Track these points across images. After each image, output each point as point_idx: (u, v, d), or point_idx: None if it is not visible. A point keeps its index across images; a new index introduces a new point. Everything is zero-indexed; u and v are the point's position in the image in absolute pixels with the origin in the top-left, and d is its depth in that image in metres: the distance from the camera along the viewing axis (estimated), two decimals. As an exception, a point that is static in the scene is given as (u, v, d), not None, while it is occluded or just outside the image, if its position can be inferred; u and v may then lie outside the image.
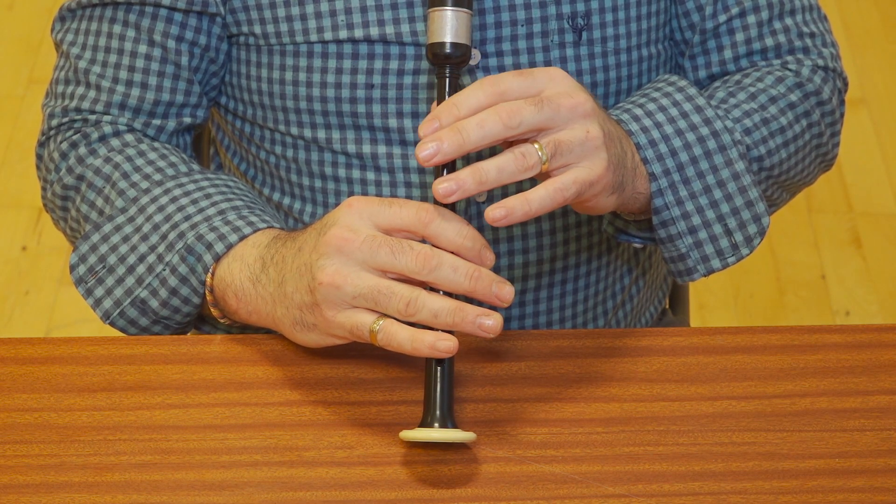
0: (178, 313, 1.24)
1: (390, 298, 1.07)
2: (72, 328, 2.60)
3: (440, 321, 1.07)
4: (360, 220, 1.09)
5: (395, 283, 1.08)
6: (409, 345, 1.07)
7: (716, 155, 1.24)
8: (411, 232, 1.09)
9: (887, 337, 1.21)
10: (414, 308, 1.07)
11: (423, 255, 1.07)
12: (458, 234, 1.08)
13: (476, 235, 1.09)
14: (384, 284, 1.07)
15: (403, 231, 1.09)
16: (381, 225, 1.09)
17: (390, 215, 1.09)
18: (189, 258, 1.21)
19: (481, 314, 1.07)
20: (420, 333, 1.07)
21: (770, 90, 1.33)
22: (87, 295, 1.25)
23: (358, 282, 1.08)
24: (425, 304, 1.07)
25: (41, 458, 1.10)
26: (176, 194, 1.25)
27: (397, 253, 1.07)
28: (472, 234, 1.09)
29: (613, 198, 1.17)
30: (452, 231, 1.08)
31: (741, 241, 1.25)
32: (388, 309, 1.07)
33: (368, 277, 1.08)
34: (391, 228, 1.09)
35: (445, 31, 1.14)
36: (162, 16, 1.32)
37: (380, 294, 1.07)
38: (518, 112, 1.08)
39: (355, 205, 1.10)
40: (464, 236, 1.09)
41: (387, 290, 1.07)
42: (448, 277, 1.07)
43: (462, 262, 1.08)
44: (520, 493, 1.08)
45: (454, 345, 1.07)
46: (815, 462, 1.11)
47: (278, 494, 1.07)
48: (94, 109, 1.33)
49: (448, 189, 1.07)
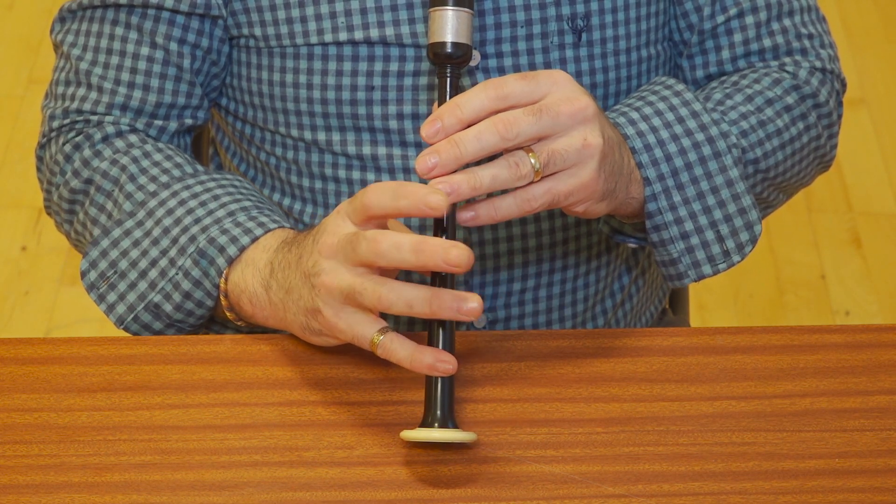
0: (192, 316, 1.24)
1: (362, 295, 1.06)
2: (72, 328, 2.59)
3: (416, 311, 1.05)
4: (343, 221, 1.10)
5: (366, 279, 1.06)
6: (408, 363, 1.07)
7: (710, 161, 1.24)
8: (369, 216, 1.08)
9: (887, 337, 1.21)
10: (387, 301, 1.05)
11: (373, 240, 1.05)
12: (394, 197, 1.05)
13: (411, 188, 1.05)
14: (357, 282, 1.07)
15: (367, 219, 1.08)
16: (355, 220, 1.09)
17: (354, 209, 1.09)
18: (202, 262, 1.21)
19: (458, 298, 1.04)
20: (419, 353, 1.06)
21: (767, 92, 1.33)
22: (100, 301, 1.25)
23: (340, 282, 1.08)
24: (399, 295, 1.05)
25: (41, 458, 1.10)
26: (184, 196, 1.25)
27: (355, 246, 1.06)
28: (407, 191, 1.04)
29: (604, 204, 1.17)
30: (388, 197, 1.05)
31: (733, 249, 1.25)
32: (364, 305, 1.07)
33: (346, 276, 1.07)
34: (361, 220, 1.08)
35: (446, 30, 1.14)
36: (164, 18, 1.32)
37: (354, 292, 1.07)
38: (515, 123, 1.08)
39: (339, 209, 1.11)
40: (399, 195, 1.05)
41: (359, 286, 1.06)
42: (394, 256, 1.04)
43: (406, 238, 1.04)
44: (520, 493, 1.08)
45: (453, 367, 1.06)
46: (815, 462, 1.11)
47: (278, 494, 1.07)
48: (95, 111, 1.33)
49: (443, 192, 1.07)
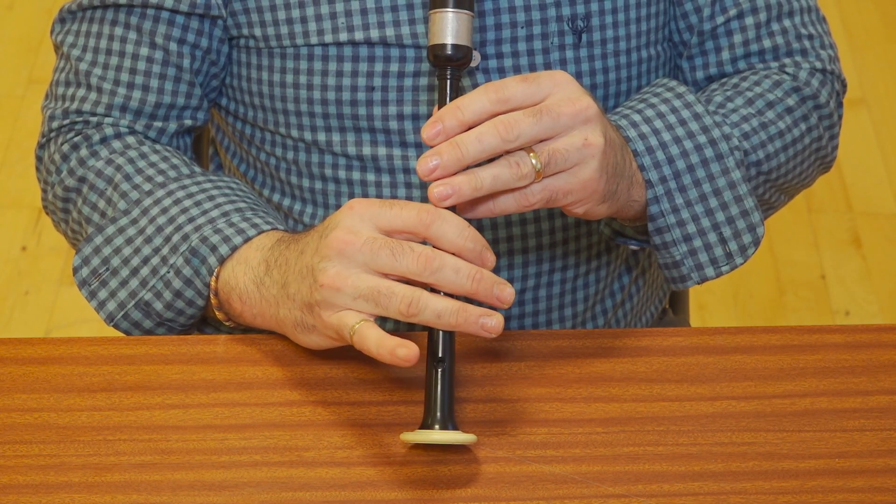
0: (182, 315, 1.24)
1: (391, 299, 1.07)
2: (72, 328, 2.59)
3: (443, 321, 1.07)
4: (362, 222, 1.09)
5: (396, 284, 1.07)
6: (375, 349, 1.06)
7: (713, 163, 1.24)
8: (413, 233, 1.08)
9: (887, 337, 1.21)
10: (416, 308, 1.06)
11: (425, 256, 1.07)
12: (459, 236, 1.08)
13: (477, 237, 1.09)
14: (384, 285, 1.07)
15: (405, 232, 1.09)
16: (383, 227, 1.09)
17: (391, 217, 1.09)
18: (193, 260, 1.21)
19: (483, 314, 1.07)
20: (385, 338, 1.06)
21: (767, 95, 1.33)
22: (91, 298, 1.25)
23: (358, 283, 1.07)
24: (427, 305, 1.06)
25: (41, 458, 1.10)
26: (179, 196, 1.25)
27: (398, 255, 1.07)
28: (474, 236, 1.09)
29: (605, 206, 1.17)
30: (454, 232, 1.08)
31: (735, 251, 1.25)
32: (388, 309, 1.07)
33: (369, 278, 1.07)
34: (392, 230, 1.09)
35: (446, 32, 1.14)
36: (164, 18, 1.32)
37: (380, 295, 1.07)
38: (516, 125, 1.08)
39: (357, 207, 1.09)
40: (465, 237, 1.08)
41: (387, 290, 1.07)
42: (450, 279, 1.07)
43: (464, 264, 1.08)
44: (520, 493, 1.08)
45: (413, 354, 1.04)
46: (815, 462, 1.11)
47: (278, 494, 1.07)
48: (94, 111, 1.33)
49: (443, 193, 1.07)
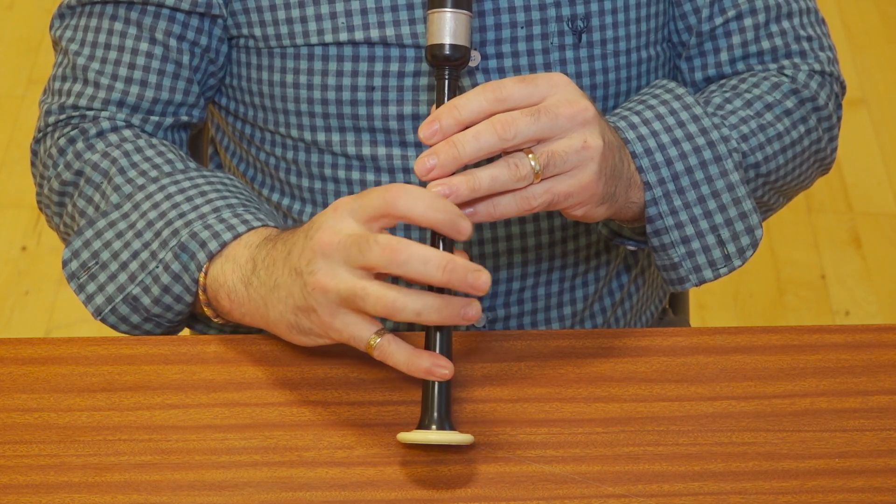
0: (170, 311, 1.23)
1: (365, 300, 1.05)
2: (72, 328, 2.60)
3: (424, 318, 1.05)
4: (343, 219, 1.08)
5: (371, 284, 1.05)
6: (405, 367, 1.07)
7: (711, 165, 1.24)
8: (385, 216, 1.06)
9: (887, 337, 1.21)
10: (393, 308, 1.05)
11: (389, 248, 1.04)
12: (428, 208, 1.05)
13: (448, 206, 1.05)
14: (360, 286, 1.05)
15: (378, 218, 1.06)
16: (361, 219, 1.07)
17: (363, 206, 1.07)
18: (182, 256, 1.20)
19: (464, 304, 1.06)
20: (416, 357, 1.07)
21: (766, 97, 1.33)
22: (79, 291, 1.25)
23: (339, 284, 1.06)
24: (406, 305, 1.05)
25: (41, 458, 1.10)
26: (171, 191, 1.25)
27: (364, 249, 1.05)
28: (444, 206, 1.05)
29: (604, 208, 1.16)
30: (422, 205, 1.05)
31: (734, 253, 1.25)
32: (366, 311, 1.06)
33: (347, 279, 1.06)
34: (369, 219, 1.07)
35: (444, 32, 1.14)
36: (165, 15, 1.31)
37: (356, 297, 1.06)
38: (513, 124, 1.07)
39: (338, 206, 1.09)
40: (435, 209, 1.05)
41: (362, 291, 1.05)
42: (419, 271, 1.04)
43: (433, 253, 1.05)
44: (520, 493, 1.08)
45: (450, 372, 1.07)
46: (815, 462, 1.11)
47: (278, 494, 1.07)
48: (91, 106, 1.33)
49: (440, 193, 1.06)
